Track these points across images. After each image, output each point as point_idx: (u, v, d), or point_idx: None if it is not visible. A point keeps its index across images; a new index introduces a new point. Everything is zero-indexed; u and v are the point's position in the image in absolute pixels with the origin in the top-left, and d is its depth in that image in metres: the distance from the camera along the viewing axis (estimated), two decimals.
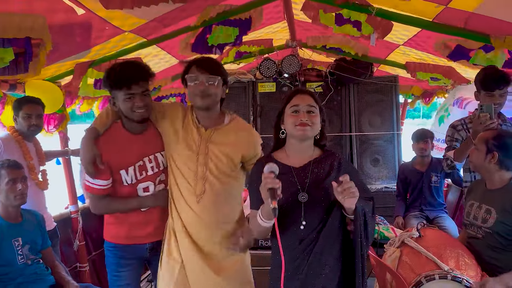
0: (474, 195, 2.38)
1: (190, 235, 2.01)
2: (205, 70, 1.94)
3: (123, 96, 1.95)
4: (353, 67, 4.21)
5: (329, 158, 1.76)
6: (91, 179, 2.01)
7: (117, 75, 1.94)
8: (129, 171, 2.05)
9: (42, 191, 2.89)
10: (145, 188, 2.09)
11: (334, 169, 1.72)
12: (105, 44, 2.69)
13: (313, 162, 1.74)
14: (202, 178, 1.97)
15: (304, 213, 1.66)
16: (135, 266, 2.19)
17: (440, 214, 3.70)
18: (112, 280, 2.17)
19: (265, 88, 4.58)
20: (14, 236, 2.35)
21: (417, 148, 3.77)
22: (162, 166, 2.12)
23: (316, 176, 1.71)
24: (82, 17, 2.21)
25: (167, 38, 2.88)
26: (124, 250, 2.13)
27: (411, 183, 3.81)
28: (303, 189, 1.68)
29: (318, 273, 1.65)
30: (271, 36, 4.25)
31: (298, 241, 1.67)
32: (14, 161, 2.39)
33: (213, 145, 2.00)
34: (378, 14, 2.66)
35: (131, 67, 1.99)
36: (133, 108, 1.96)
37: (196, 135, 2.01)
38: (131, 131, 2.08)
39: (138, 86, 1.95)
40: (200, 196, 1.97)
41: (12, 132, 2.76)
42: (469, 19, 2.49)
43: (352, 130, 4.45)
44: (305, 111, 1.69)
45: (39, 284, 2.40)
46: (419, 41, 3.32)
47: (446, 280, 2.02)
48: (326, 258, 1.65)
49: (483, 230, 2.23)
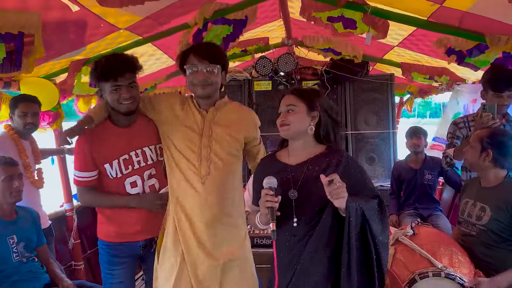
0: (469, 193, 2.39)
1: (192, 222, 1.96)
2: (204, 59, 1.90)
3: (110, 88, 1.95)
4: (349, 66, 4.21)
5: (329, 156, 1.74)
6: (77, 172, 2.04)
7: (103, 67, 1.94)
8: (113, 165, 2.04)
9: (37, 190, 2.89)
10: (132, 182, 2.08)
11: (331, 167, 1.69)
12: (100, 42, 2.68)
13: (310, 159, 1.75)
14: (206, 159, 1.95)
15: (295, 210, 1.68)
16: (128, 264, 2.19)
17: (434, 212, 3.72)
18: (106, 278, 2.17)
19: (261, 86, 4.58)
20: (9, 233, 2.34)
21: (410, 144, 3.78)
22: (150, 161, 2.11)
23: (310, 173, 1.71)
24: (76, 14, 2.20)
25: (163, 36, 2.88)
26: (117, 249, 2.13)
27: (405, 180, 3.82)
28: (295, 186, 1.70)
29: (311, 269, 1.66)
30: (267, 35, 4.24)
31: (292, 236, 1.70)
32: (9, 158, 2.38)
33: (217, 126, 1.99)
34: (373, 13, 2.66)
35: (117, 59, 1.98)
36: (120, 100, 1.97)
37: (198, 117, 2.00)
38: (118, 125, 2.08)
39: (124, 78, 1.95)
40: (205, 177, 1.95)
41: (8, 130, 2.75)
42: (463, 18, 2.50)
43: (348, 128, 4.45)
44: (285, 112, 1.76)
45: (34, 282, 2.40)
46: (414, 40, 3.33)
47: (439, 277, 2.04)
48: (320, 255, 1.66)
49: (477, 228, 2.24)
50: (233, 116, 2.04)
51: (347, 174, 1.67)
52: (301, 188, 1.70)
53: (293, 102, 1.76)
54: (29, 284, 2.37)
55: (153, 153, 2.12)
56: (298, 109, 1.75)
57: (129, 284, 2.22)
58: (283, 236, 1.70)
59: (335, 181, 1.54)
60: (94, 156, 2.02)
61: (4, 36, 1.84)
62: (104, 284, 2.20)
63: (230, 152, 2.00)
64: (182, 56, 1.97)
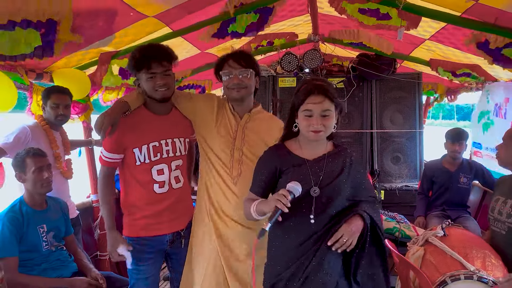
0: (501, 190, 2.34)
1: (225, 220, 2.08)
2: (237, 64, 2.04)
3: (145, 76, 2.03)
4: (376, 63, 4.14)
5: (342, 154, 1.78)
6: (104, 151, 2.11)
7: (139, 56, 2.02)
8: (142, 150, 2.09)
9: (66, 180, 2.93)
10: (159, 170, 2.12)
11: (346, 167, 1.74)
12: (128, 29, 2.69)
13: (327, 156, 1.75)
14: (238, 161, 2.08)
15: (314, 208, 1.66)
16: (155, 260, 2.21)
17: (463, 214, 3.64)
18: (132, 272, 2.20)
19: (286, 83, 4.55)
20: (39, 223, 2.39)
21: (451, 148, 3.63)
22: (179, 152, 2.17)
23: (330, 171, 1.72)
24: (107, 3, 2.22)
25: (192, 29, 2.89)
26: (144, 244, 2.15)
27: (438, 181, 3.73)
28: (316, 183, 1.68)
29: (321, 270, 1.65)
30: (293, 30, 4.21)
31: (308, 235, 1.67)
32: (38, 149, 2.42)
33: (249, 131, 2.10)
34: (405, 8, 2.61)
35: (153, 48, 2.06)
36: (155, 87, 2.03)
37: (233, 121, 2.12)
38: (153, 111, 2.14)
39: (159, 65, 2.02)
40: (237, 178, 2.08)
41: (40, 121, 2.80)
42: (500, 15, 2.43)
43: (373, 127, 4.39)
44: (319, 116, 1.67)
45: (62, 270, 2.44)
46: (447, 34, 3.24)
47: (471, 280, 1.98)
48: (335, 253, 1.66)
49: (507, 226, 2.19)
50: (264, 124, 2.15)
51: (354, 174, 1.75)
52: (323, 185, 1.68)
53: (329, 107, 1.68)
54: (58, 272, 2.41)
55: (182, 145, 2.19)
56: (331, 114, 1.69)
57: (154, 280, 2.24)
58: (298, 235, 1.68)
59: (341, 238, 1.62)
60: (124, 140, 2.07)
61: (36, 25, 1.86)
62: (130, 278, 2.23)
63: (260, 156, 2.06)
64: (218, 64, 2.10)
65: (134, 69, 2.05)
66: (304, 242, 1.67)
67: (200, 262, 2.14)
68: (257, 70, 2.12)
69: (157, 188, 2.12)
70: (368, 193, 1.80)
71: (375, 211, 1.74)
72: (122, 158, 2.12)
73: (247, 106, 2.13)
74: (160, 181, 2.13)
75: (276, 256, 1.75)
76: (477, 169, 3.68)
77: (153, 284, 2.23)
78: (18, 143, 2.57)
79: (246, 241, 2.07)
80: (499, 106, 4.14)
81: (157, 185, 2.12)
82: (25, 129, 2.65)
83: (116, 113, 2.02)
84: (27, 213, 2.35)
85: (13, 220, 2.28)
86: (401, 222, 3.20)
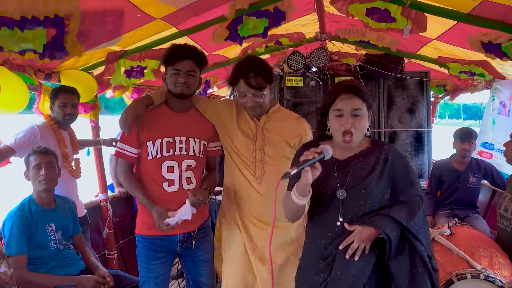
0: (510, 187, 2.32)
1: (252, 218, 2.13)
2: (251, 88, 2.02)
3: (170, 71, 2.08)
4: (383, 62, 4.12)
5: (376, 151, 1.67)
6: (120, 143, 2.15)
7: (170, 51, 2.08)
8: (155, 143, 2.12)
9: (75, 179, 2.96)
10: (169, 167, 2.13)
11: (379, 164, 1.63)
12: (136, 32, 2.71)
13: (358, 155, 1.67)
14: (260, 161, 2.11)
15: (341, 210, 1.61)
16: (165, 260, 2.23)
17: (471, 213, 3.60)
18: (142, 271, 2.22)
19: (293, 82, 4.54)
20: (48, 221, 2.41)
21: (461, 147, 3.60)
22: (192, 152, 2.17)
23: (359, 172, 1.63)
24: (114, 3, 2.24)
25: (198, 29, 2.90)
26: (155, 243, 2.17)
27: (446, 181, 3.70)
28: (342, 185, 1.62)
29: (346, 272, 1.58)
30: (300, 29, 4.21)
31: (332, 238, 1.63)
32: (43, 147, 2.45)
33: (268, 131, 2.13)
34: (412, 6, 2.60)
35: (185, 47, 2.10)
36: (176, 83, 2.07)
37: (252, 124, 2.16)
38: (171, 108, 2.18)
39: (185, 64, 2.06)
40: (260, 177, 2.11)
41: (48, 121, 2.83)
42: (508, 12, 2.40)
43: (381, 126, 4.36)
44: (349, 115, 1.61)
45: (70, 268, 2.47)
46: (454, 34, 3.22)
47: (478, 279, 1.98)
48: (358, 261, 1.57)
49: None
50: (284, 122, 2.16)
51: (393, 171, 1.64)
52: (349, 187, 1.62)
53: (360, 106, 1.61)
54: (66, 270, 2.44)
55: (197, 146, 2.19)
56: (363, 113, 1.62)
57: (164, 279, 2.25)
58: (322, 237, 1.65)
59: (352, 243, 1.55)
60: (139, 133, 2.11)
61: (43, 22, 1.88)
62: (140, 276, 2.25)
63: (282, 155, 2.11)
64: (232, 79, 2.07)
65: (164, 63, 2.11)
66: (331, 244, 1.63)
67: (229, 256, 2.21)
68: (271, 80, 2.08)
69: (167, 187, 2.13)
70: (413, 192, 1.64)
71: (409, 216, 1.58)
72: (137, 154, 2.15)
73: (264, 110, 2.15)
74: (169, 179, 2.13)
75: (306, 259, 1.74)
76: (486, 168, 3.64)
77: (163, 283, 2.24)
78: (27, 142, 2.61)
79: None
80: (503, 104, 4.10)
81: (167, 183, 2.13)
82: (33, 129, 2.68)
83: (141, 106, 2.07)
84: (36, 212, 2.38)
85: (22, 218, 2.31)
86: None
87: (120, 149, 2.15)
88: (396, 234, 1.55)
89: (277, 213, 1.72)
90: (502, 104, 4.13)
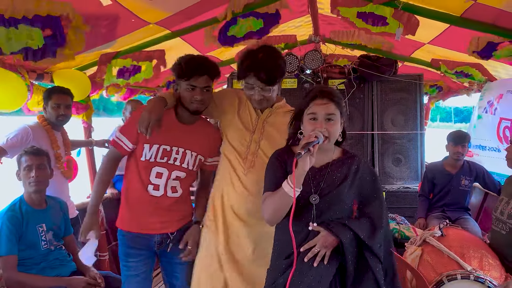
0: (506, 191, 2.35)
1: (234, 212, 2.07)
2: (261, 82, 1.95)
3: (186, 85, 2.03)
4: (376, 64, 4.13)
5: (349, 161, 1.73)
6: (119, 133, 2.13)
7: (186, 65, 2.02)
8: (152, 148, 2.10)
9: (66, 180, 2.95)
10: (158, 173, 2.11)
11: (350, 174, 1.70)
12: (130, 36, 2.72)
13: (331, 164, 1.72)
14: (253, 154, 2.05)
15: (315, 215, 1.65)
16: (144, 257, 2.20)
17: (463, 215, 3.62)
18: (122, 269, 2.21)
19: (287, 84, 4.53)
20: (39, 222, 2.40)
21: (453, 150, 3.62)
22: (185, 165, 2.15)
23: (332, 179, 1.69)
24: (108, 8, 2.24)
25: (191, 30, 2.90)
26: (134, 240, 2.16)
27: (439, 183, 3.72)
28: (316, 191, 1.67)
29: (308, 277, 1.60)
30: (294, 31, 4.22)
31: (300, 240, 1.65)
32: (35, 148, 2.44)
33: (269, 126, 2.08)
34: (404, 8, 2.61)
35: (201, 61, 2.05)
36: (192, 100, 2.04)
37: (254, 115, 2.10)
38: (179, 119, 2.15)
39: (202, 80, 2.01)
40: (248, 169, 2.05)
41: (41, 121, 2.82)
42: (499, 15, 2.43)
43: (374, 128, 4.36)
44: (323, 120, 1.65)
45: (61, 269, 2.45)
46: (447, 38, 3.25)
47: (468, 280, 1.99)
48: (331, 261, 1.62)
49: (507, 226, 2.19)
50: (286, 119, 2.04)
51: (362, 183, 1.71)
52: (322, 193, 1.66)
53: (334, 111, 1.66)
54: (56, 271, 2.42)
55: (192, 159, 2.16)
56: (336, 118, 1.67)
57: (145, 278, 2.22)
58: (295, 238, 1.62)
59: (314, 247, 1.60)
60: (141, 136, 2.07)
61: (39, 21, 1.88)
62: (122, 276, 2.23)
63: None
64: (240, 69, 2.01)
65: (177, 76, 2.06)
66: (297, 247, 1.64)
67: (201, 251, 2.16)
68: (283, 76, 2.03)
69: (151, 190, 2.12)
70: (377, 205, 1.71)
71: (364, 228, 1.64)
72: (131, 148, 2.13)
73: (270, 104, 2.09)
74: (155, 183, 2.12)
75: (274, 263, 1.75)
76: (478, 171, 3.67)
77: (145, 281, 2.22)
78: (19, 143, 2.60)
79: (251, 237, 2.06)
80: (491, 103, 4.14)
81: (152, 186, 2.12)
82: (26, 129, 2.67)
83: (160, 109, 2.04)
84: (27, 212, 2.36)
85: (12, 219, 2.29)
86: (401, 223, 3.20)
87: (117, 138, 2.14)
88: (353, 249, 1.62)
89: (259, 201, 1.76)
90: (490, 103, 4.18)
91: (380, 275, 1.61)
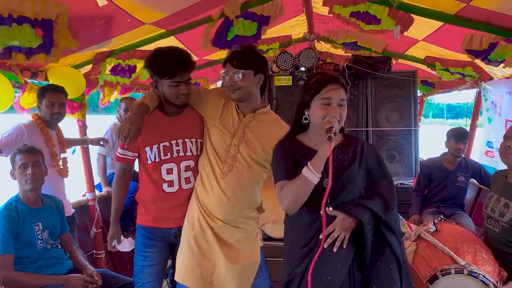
0: (495, 187, 2.35)
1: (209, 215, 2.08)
2: (231, 65, 2.01)
3: (170, 82, 2.05)
4: (370, 61, 4.15)
5: (352, 144, 1.78)
6: (120, 149, 2.20)
7: (165, 62, 2.03)
8: (153, 149, 2.14)
9: (62, 178, 2.94)
10: (168, 169, 2.16)
11: (357, 155, 1.74)
12: (126, 36, 2.72)
13: (337, 147, 1.74)
14: (232, 157, 2.05)
15: (329, 200, 1.65)
16: (161, 249, 2.25)
17: (457, 211, 3.66)
18: (138, 259, 2.24)
19: (281, 81, 4.54)
20: (35, 220, 2.40)
21: (455, 147, 3.63)
22: (190, 152, 2.18)
23: (340, 162, 1.72)
24: (104, 8, 2.24)
25: (186, 28, 2.90)
26: (152, 232, 2.22)
27: (435, 179, 3.75)
28: (327, 174, 1.64)
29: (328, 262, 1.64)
30: (289, 31, 4.23)
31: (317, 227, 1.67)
32: (29, 146, 2.43)
33: (249, 131, 2.08)
34: (399, 7, 2.63)
35: (179, 56, 2.06)
36: (178, 95, 2.07)
37: (236, 118, 2.11)
38: (166, 113, 2.18)
39: (185, 74, 2.05)
40: (227, 173, 2.05)
41: (35, 120, 2.81)
42: (491, 16, 2.45)
43: (368, 125, 4.39)
44: (336, 105, 1.68)
45: (58, 267, 2.45)
46: (441, 36, 3.27)
47: (462, 275, 2.01)
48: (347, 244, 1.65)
49: (500, 224, 2.20)
50: (268, 126, 2.10)
51: (369, 163, 1.76)
52: (334, 176, 1.64)
53: (344, 96, 1.70)
54: (53, 269, 2.42)
55: (193, 145, 2.20)
56: (345, 104, 1.70)
57: (160, 269, 2.27)
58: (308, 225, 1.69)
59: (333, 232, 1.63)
60: (138, 140, 2.10)
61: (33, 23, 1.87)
62: (135, 265, 2.26)
63: (255, 159, 2.05)
64: (223, 63, 2.07)
65: (157, 74, 2.06)
66: (314, 235, 1.68)
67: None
68: (258, 69, 2.04)
69: (166, 187, 2.17)
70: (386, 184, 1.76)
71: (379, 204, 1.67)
72: (136, 156, 2.20)
73: (251, 106, 2.10)
74: (168, 180, 2.16)
75: (289, 253, 1.76)
76: (475, 168, 3.71)
77: (159, 273, 2.26)
78: (14, 142, 2.59)
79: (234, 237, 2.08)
80: (494, 104, 4.17)
81: (166, 184, 2.16)
82: (20, 128, 2.66)
83: (141, 119, 2.04)
84: (23, 211, 2.36)
85: (8, 218, 2.29)
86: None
87: (121, 154, 2.21)
88: (372, 227, 1.65)
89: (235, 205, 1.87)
90: (494, 104, 4.20)
91: (398, 250, 1.65)
